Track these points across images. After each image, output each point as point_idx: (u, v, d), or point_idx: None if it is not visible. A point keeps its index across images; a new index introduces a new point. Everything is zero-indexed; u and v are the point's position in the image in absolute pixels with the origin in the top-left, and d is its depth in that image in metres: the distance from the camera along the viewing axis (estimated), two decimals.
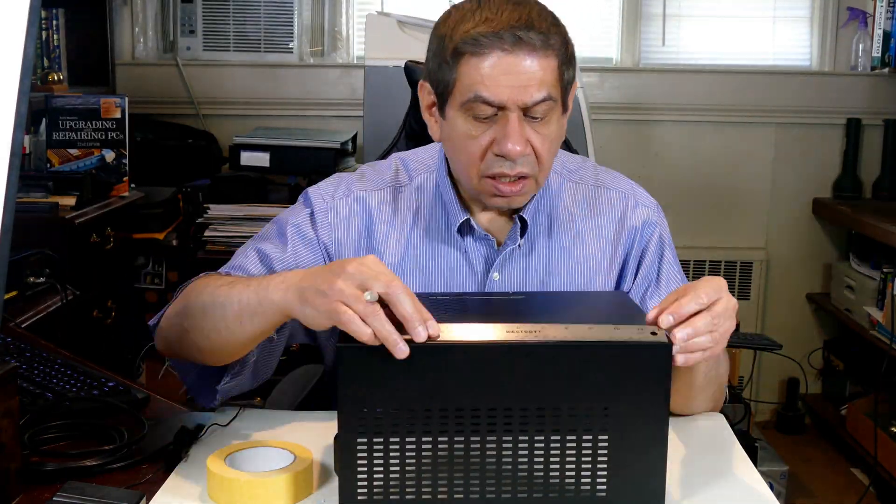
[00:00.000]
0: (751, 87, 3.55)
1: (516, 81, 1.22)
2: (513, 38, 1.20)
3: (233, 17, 3.50)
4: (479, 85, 1.22)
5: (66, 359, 1.59)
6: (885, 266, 3.15)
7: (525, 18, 1.21)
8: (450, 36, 1.24)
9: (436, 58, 1.28)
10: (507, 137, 1.23)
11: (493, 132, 1.25)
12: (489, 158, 1.26)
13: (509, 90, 1.22)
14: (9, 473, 1.12)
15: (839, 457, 3.40)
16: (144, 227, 2.97)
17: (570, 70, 1.28)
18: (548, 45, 1.22)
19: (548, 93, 1.24)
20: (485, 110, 1.24)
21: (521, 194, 1.30)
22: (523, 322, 1.13)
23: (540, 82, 1.23)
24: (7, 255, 1.06)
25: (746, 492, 1.18)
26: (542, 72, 1.23)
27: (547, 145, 1.27)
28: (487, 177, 1.28)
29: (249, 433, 1.32)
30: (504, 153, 1.24)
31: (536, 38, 1.21)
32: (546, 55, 1.23)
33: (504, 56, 1.21)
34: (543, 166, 1.29)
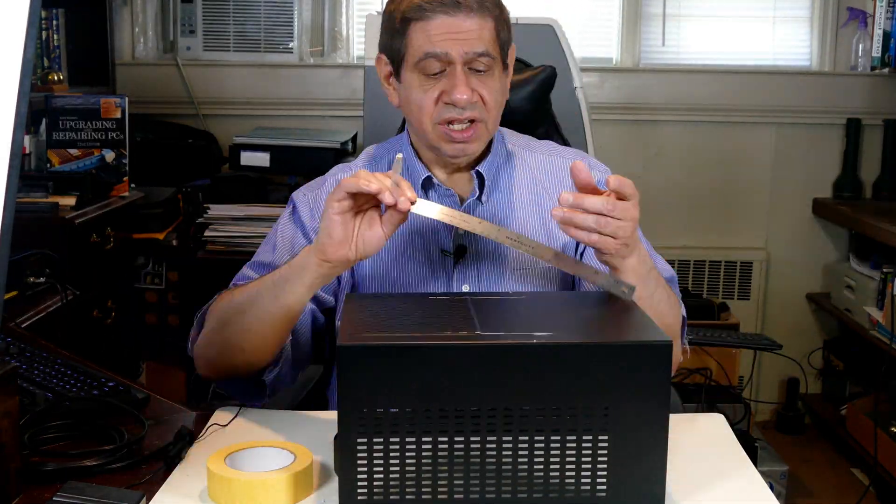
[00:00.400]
0: (751, 87, 3.55)
1: (458, 38, 1.39)
2: (452, 3, 1.39)
3: (233, 17, 3.50)
4: (427, 44, 1.40)
5: (66, 359, 1.59)
6: (885, 266, 3.15)
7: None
8: (398, 8, 1.42)
9: (387, 31, 1.46)
10: (455, 87, 1.40)
11: (443, 84, 1.42)
12: (440, 107, 1.43)
13: (453, 44, 1.39)
14: (9, 473, 1.12)
15: (839, 457, 3.40)
16: (144, 227, 2.97)
17: (504, 31, 1.45)
18: (483, 8, 1.41)
19: (486, 48, 1.41)
20: (434, 66, 1.41)
21: (473, 139, 1.45)
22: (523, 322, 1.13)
23: (479, 38, 1.40)
24: (7, 255, 1.06)
25: (746, 492, 1.18)
26: (481, 30, 1.41)
27: (493, 95, 1.44)
28: (440, 123, 1.44)
29: (249, 433, 1.32)
30: (453, 101, 1.41)
31: (473, 1, 1.39)
32: (482, 16, 1.41)
33: (446, 18, 1.39)
34: (491, 113, 1.45)
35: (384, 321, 1.16)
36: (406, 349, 1.05)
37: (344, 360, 1.04)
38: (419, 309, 1.21)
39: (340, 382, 1.05)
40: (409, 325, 1.14)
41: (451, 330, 1.11)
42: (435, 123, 1.44)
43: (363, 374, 1.04)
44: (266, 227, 2.91)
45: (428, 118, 1.44)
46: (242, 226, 2.94)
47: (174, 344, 3.07)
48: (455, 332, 1.10)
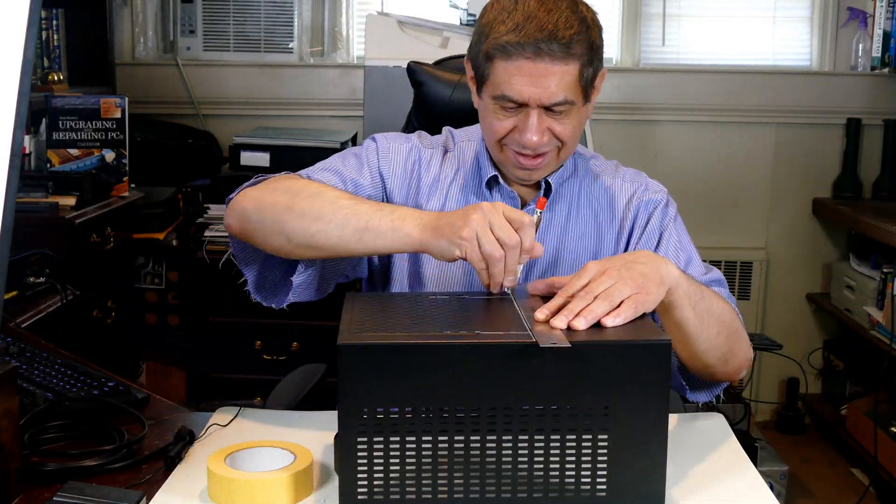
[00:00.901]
0: (751, 87, 3.55)
1: (537, 85, 1.36)
2: (535, 49, 1.34)
3: (233, 17, 3.50)
4: (506, 85, 1.37)
5: (66, 359, 1.59)
6: (885, 266, 3.15)
7: (550, 28, 1.34)
8: (486, 34, 1.39)
9: (475, 47, 1.43)
10: (527, 130, 1.39)
11: (516, 120, 1.40)
12: (511, 137, 1.42)
13: (530, 92, 1.36)
14: (9, 473, 1.12)
15: (839, 457, 3.40)
16: (144, 227, 2.97)
17: (592, 66, 1.41)
18: (568, 55, 1.36)
19: (565, 96, 1.37)
20: (510, 105, 1.39)
21: (540, 167, 1.45)
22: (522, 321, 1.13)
23: (558, 86, 1.36)
24: (7, 255, 1.07)
25: (746, 492, 1.18)
26: (562, 78, 1.36)
27: (568, 130, 1.42)
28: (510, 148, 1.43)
29: (249, 433, 1.32)
30: (523, 143, 1.40)
31: (558, 48, 1.34)
32: (566, 62, 1.36)
33: (527, 63, 1.35)
34: (565, 144, 1.43)
35: (384, 320, 1.16)
36: (406, 348, 1.05)
37: (344, 359, 1.04)
38: (419, 308, 1.21)
39: (340, 382, 1.05)
40: (410, 325, 1.14)
41: (451, 329, 1.11)
42: (504, 146, 1.44)
43: (363, 374, 1.04)
44: None
45: (497, 140, 1.44)
46: None
47: (174, 344, 3.07)
48: (455, 331, 1.10)
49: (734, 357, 1.40)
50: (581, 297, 1.16)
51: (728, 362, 1.40)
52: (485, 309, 1.22)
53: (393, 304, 1.26)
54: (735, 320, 1.40)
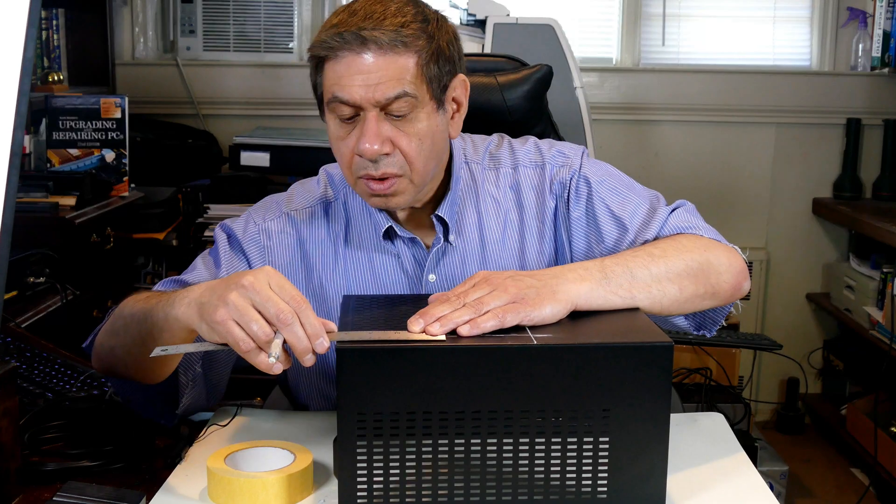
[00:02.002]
0: (751, 87, 3.55)
1: (367, 80, 1.22)
2: (357, 39, 1.21)
3: (233, 17, 3.50)
4: (335, 86, 1.24)
5: (66, 359, 1.59)
6: (885, 266, 3.15)
7: (376, 17, 1.22)
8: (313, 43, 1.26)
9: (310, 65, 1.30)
10: (362, 137, 1.24)
11: (356, 133, 1.26)
12: (356, 160, 1.28)
13: (361, 89, 1.23)
14: (9, 473, 1.12)
15: (839, 457, 3.40)
16: (144, 227, 2.97)
17: (438, 65, 1.27)
18: (399, 43, 1.22)
19: (403, 89, 1.23)
20: (344, 110, 1.25)
21: (392, 193, 1.30)
22: None
23: (394, 79, 1.23)
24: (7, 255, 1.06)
25: (746, 492, 1.18)
26: (395, 69, 1.23)
27: (415, 144, 1.27)
28: (360, 177, 1.29)
29: (249, 433, 1.32)
30: (360, 152, 1.26)
31: (384, 36, 1.21)
32: (397, 52, 1.23)
33: (353, 56, 1.22)
34: (415, 166, 1.28)
35: (382, 323, 1.15)
36: (405, 351, 1.05)
37: (343, 362, 1.03)
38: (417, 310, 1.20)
39: (339, 385, 1.04)
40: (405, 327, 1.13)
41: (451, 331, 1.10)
42: (356, 177, 1.30)
43: (362, 377, 1.04)
44: None
45: (348, 170, 1.30)
46: None
47: None
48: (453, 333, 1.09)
49: (719, 287, 1.32)
50: (448, 303, 1.11)
51: (715, 295, 1.33)
52: None
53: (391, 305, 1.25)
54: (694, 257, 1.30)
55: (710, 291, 1.32)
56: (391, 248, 1.39)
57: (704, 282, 1.31)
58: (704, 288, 1.31)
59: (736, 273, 1.36)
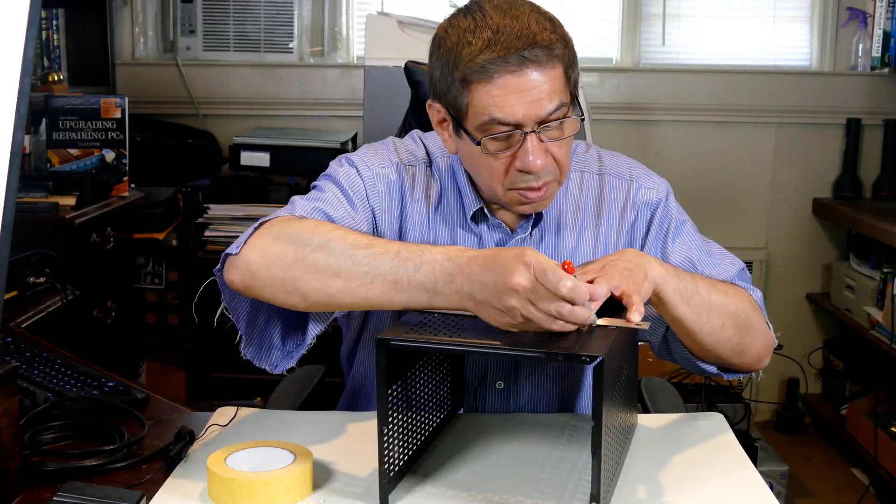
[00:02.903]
0: (751, 87, 3.55)
1: (527, 98, 1.24)
2: (518, 60, 1.23)
3: (233, 17, 3.50)
4: (493, 108, 1.25)
5: (66, 359, 1.59)
6: (885, 266, 3.15)
7: (526, 34, 1.23)
8: (454, 62, 1.26)
9: (443, 79, 1.30)
10: (529, 155, 1.26)
11: (514, 150, 1.28)
12: (513, 174, 1.30)
13: (522, 107, 1.25)
14: (9, 473, 1.12)
15: (839, 457, 3.40)
16: (144, 227, 2.97)
17: (574, 69, 1.31)
18: (552, 57, 1.25)
19: (559, 101, 1.27)
20: (501, 129, 1.27)
21: (546, 197, 1.35)
22: None
23: (550, 93, 1.26)
24: (7, 255, 1.07)
25: (746, 492, 1.18)
26: (551, 83, 1.26)
27: (565, 150, 1.32)
28: (512, 189, 1.32)
29: (249, 433, 1.32)
30: (528, 169, 1.28)
31: (541, 53, 1.24)
32: (552, 66, 1.26)
33: (511, 77, 1.24)
34: (563, 169, 1.34)
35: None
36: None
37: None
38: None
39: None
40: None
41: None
42: (506, 189, 1.32)
43: None
44: None
45: (499, 184, 1.32)
46: (242, 226, 2.94)
47: (174, 344, 3.07)
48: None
49: (749, 348, 1.38)
50: None
51: (743, 354, 1.38)
52: None
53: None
54: (744, 310, 1.37)
55: (740, 347, 1.37)
56: (475, 228, 1.42)
57: (741, 335, 1.37)
58: (739, 339, 1.36)
59: (765, 345, 1.42)
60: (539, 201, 1.34)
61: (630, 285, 1.16)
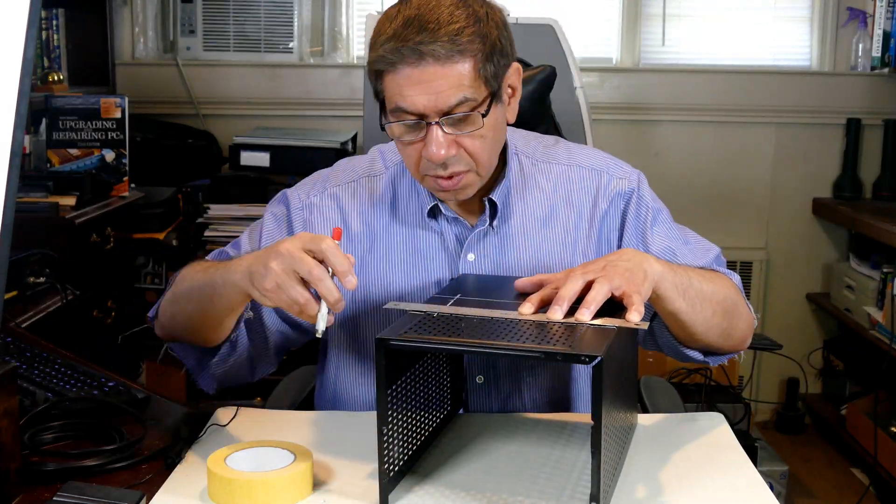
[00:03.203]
0: (751, 87, 3.55)
1: (429, 90, 1.26)
2: (415, 53, 1.24)
3: (233, 17, 3.50)
4: (397, 96, 1.28)
5: (66, 359, 1.59)
6: (885, 266, 3.15)
7: (431, 27, 1.24)
8: (371, 49, 1.30)
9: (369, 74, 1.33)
10: (429, 145, 1.29)
11: (421, 139, 1.31)
12: (423, 162, 1.32)
13: (422, 98, 1.26)
14: (9, 473, 1.12)
15: (839, 457, 3.40)
16: (144, 227, 2.97)
17: (493, 62, 1.29)
18: (454, 52, 1.25)
19: (463, 95, 1.27)
20: (408, 118, 1.29)
21: (460, 187, 1.36)
22: None
23: (452, 86, 1.26)
24: (7, 255, 1.07)
25: (746, 492, 1.18)
26: (455, 76, 1.26)
27: (478, 142, 1.31)
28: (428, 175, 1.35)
29: (249, 433, 1.32)
30: (430, 159, 1.30)
31: (440, 48, 1.24)
32: (454, 61, 1.25)
33: (411, 69, 1.25)
34: (480, 160, 1.33)
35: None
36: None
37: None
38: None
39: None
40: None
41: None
42: (423, 176, 1.35)
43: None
44: None
45: (415, 170, 1.36)
46: (242, 226, 2.93)
47: None
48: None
49: (735, 331, 1.43)
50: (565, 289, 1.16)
51: (730, 337, 1.42)
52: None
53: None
54: (730, 296, 1.40)
55: (727, 331, 1.41)
56: (434, 225, 1.45)
57: (729, 320, 1.40)
58: (727, 324, 1.40)
59: (749, 326, 1.47)
60: (452, 190, 1.35)
61: (630, 286, 1.17)
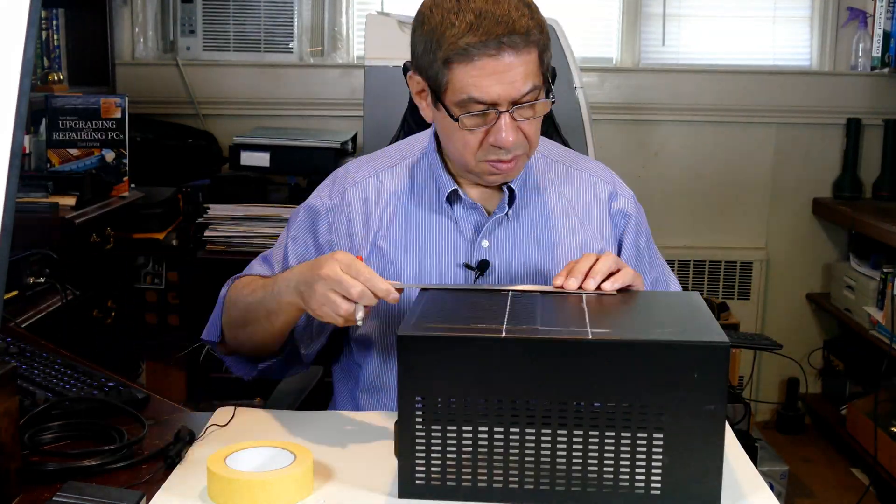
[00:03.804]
0: (751, 87, 3.55)
1: (504, 80, 1.33)
2: (497, 44, 1.31)
3: (233, 17, 3.50)
4: (471, 87, 1.34)
5: (66, 359, 1.59)
6: (885, 266, 3.15)
7: (506, 20, 1.31)
8: (437, 41, 1.34)
9: (426, 56, 1.38)
10: (502, 132, 1.36)
11: (488, 127, 1.37)
12: (486, 148, 1.39)
13: (498, 88, 1.33)
14: (9, 473, 1.12)
15: (839, 457, 3.40)
16: (144, 227, 2.97)
17: (548, 52, 1.39)
18: (528, 42, 1.33)
19: (533, 83, 1.35)
20: (478, 107, 1.35)
21: (515, 169, 1.44)
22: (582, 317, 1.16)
23: (525, 75, 1.34)
24: (7, 255, 1.07)
25: (746, 492, 1.18)
26: (526, 66, 1.34)
27: (535, 127, 1.41)
28: (484, 161, 1.41)
29: (249, 433, 1.32)
30: (501, 145, 1.37)
31: (518, 39, 1.32)
32: (528, 51, 1.34)
33: (490, 60, 1.32)
34: (533, 143, 1.43)
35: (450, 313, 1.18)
36: (462, 341, 1.08)
37: (404, 348, 1.08)
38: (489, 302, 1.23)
39: (401, 370, 1.09)
40: (472, 318, 1.16)
41: (512, 323, 1.12)
42: (479, 161, 1.41)
43: (420, 364, 1.08)
44: (266, 228, 2.91)
45: (471, 155, 1.41)
46: (242, 226, 2.94)
47: (174, 344, 3.07)
48: (515, 325, 1.12)
49: None
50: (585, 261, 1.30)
51: None
52: (553, 304, 1.24)
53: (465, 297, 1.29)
54: None
55: None
56: (450, 212, 1.50)
57: None
58: None
59: None
60: (508, 172, 1.43)
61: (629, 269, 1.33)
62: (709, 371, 1.07)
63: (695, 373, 1.07)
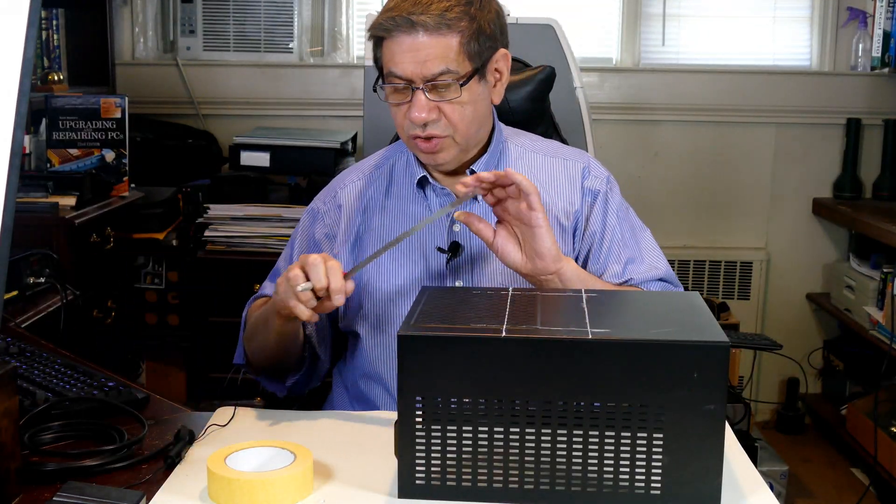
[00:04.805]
0: (751, 87, 3.55)
1: (416, 58, 1.42)
2: (408, 22, 1.41)
3: (233, 17, 3.50)
4: (390, 62, 1.45)
5: (66, 359, 1.59)
6: (885, 266, 3.15)
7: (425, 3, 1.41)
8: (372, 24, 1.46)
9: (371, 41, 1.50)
10: (412, 107, 1.45)
11: (408, 102, 1.46)
12: (408, 123, 1.48)
13: (410, 65, 1.43)
14: (9, 473, 1.12)
15: (839, 457, 3.40)
16: (144, 227, 2.97)
17: (479, 42, 1.45)
18: (443, 26, 1.41)
19: (446, 66, 1.43)
20: (397, 83, 1.45)
21: (437, 150, 1.50)
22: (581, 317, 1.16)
23: (438, 57, 1.42)
24: (7, 255, 1.07)
25: (746, 492, 1.18)
26: (440, 49, 1.42)
27: (457, 110, 1.47)
28: (410, 137, 1.50)
29: (249, 433, 1.32)
30: (411, 119, 1.46)
31: (430, 19, 1.40)
32: (442, 34, 1.42)
33: (406, 38, 1.42)
34: (458, 128, 1.48)
35: (449, 313, 1.18)
36: (461, 341, 1.09)
37: (404, 348, 1.08)
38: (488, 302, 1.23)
39: (401, 370, 1.09)
40: (472, 318, 1.16)
41: (511, 323, 1.12)
42: (407, 136, 1.51)
43: (422, 364, 1.08)
44: (266, 228, 2.91)
45: (402, 131, 1.51)
46: (242, 226, 2.94)
47: (174, 344, 3.07)
48: (515, 325, 1.12)
49: None
50: None
51: None
52: (553, 304, 1.24)
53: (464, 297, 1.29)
54: None
55: None
56: (424, 199, 1.58)
57: None
58: None
59: None
60: (431, 153, 1.50)
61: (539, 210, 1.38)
62: (709, 371, 1.07)
63: (695, 373, 1.07)
